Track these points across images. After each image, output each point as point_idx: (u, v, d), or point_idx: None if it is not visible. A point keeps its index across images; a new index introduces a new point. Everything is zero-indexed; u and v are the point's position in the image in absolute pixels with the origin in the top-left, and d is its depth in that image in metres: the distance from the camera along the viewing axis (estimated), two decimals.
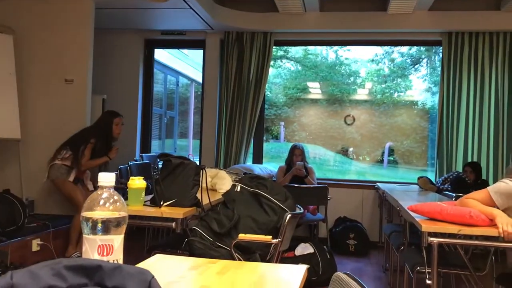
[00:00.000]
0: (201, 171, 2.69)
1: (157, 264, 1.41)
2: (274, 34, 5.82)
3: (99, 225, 0.95)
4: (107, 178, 0.99)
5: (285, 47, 7.11)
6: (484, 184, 4.59)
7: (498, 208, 2.47)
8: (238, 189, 2.65)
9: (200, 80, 6.44)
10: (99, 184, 0.99)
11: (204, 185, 2.68)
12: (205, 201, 2.69)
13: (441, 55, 5.69)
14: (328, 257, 4.01)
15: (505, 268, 2.61)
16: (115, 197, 0.99)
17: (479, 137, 5.42)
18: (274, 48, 6.11)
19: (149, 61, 6.44)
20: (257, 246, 2.43)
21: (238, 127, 5.83)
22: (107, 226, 0.96)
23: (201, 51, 6.28)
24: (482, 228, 2.34)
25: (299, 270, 1.39)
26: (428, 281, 2.45)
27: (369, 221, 5.64)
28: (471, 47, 5.44)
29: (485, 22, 5.30)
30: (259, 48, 5.82)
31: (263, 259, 2.46)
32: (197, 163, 5.84)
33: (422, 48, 6.90)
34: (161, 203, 2.55)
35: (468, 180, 4.97)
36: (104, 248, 0.96)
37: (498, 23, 5.27)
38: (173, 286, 1.17)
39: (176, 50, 8.48)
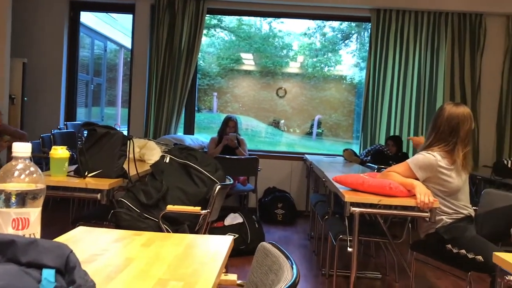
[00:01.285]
0: (128, 141, 2.62)
1: (80, 236, 1.37)
2: (207, 2, 5.69)
3: (13, 198, 0.90)
4: (22, 148, 0.93)
5: (219, 16, 7.00)
6: (404, 157, 4.87)
7: (418, 179, 2.63)
8: (167, 160, 2.62)
9: (130, 46, 6.20)
10: (14, 154, 0.93)
11: (131, 155, 2.62)
12: (133, 172, 2.64)
13: (369, 31, 5.86)
14: (257, 226, 4.10)
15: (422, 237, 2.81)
16: (32, 168, 0.94)
17: (401, 112, 5.70)
18: (207, 17, 5.99)
19: (75, 24, 6.09)
20: (186, 217, 2.42)
21: (169, 97, 5.71)
22: (23, 199, 0.91)
23: (130, 16, 6.03)
24: (400, 198, 2.49)
25: (225, 241, 1.41)
26: (349, 249, 2.58)
27: (297, 191, 5.81)
28: (398, 25, 5.64)
29: (411, 1, 5.51)
30: (191, 16, 5.68)
31: (192, 230, 2.47)
32: (125, 132, 5.71)
33: (353, 24, 7.05)
34: (86, 173, 2.46)
35: (390, 153, 5.24)
36: (19, 221, 0.92)
37: (423, 2, 5.49)
38: (96, 259, 1.15)
39: (104, 13, 8.09)
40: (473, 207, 2.78)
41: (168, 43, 5.70)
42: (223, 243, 1.39)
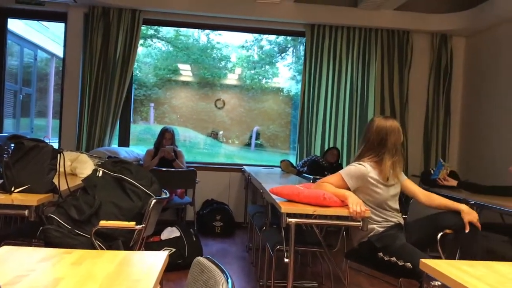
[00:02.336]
0: (59, 154, 2.52)
1: (4, 257, 1.29)
2: (143, 13, 5.62)
3: None
4: None
5: (156, 26, 6.91)
6: (339, 167, 5.02)
7: (350, 189, 2.72)
8: (100, 174, 2.54)
9: (62, 55, 5.98)
10: None
11: (62, 169, 2.51)
12: (64, 186, 2.53)
13: (304, 46, 6.02)
14: (194, 239, 4.05)
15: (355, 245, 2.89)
16: None
17: (335, 124, 5.88)
18: (144, 27, 5.90)
19: (2, 32, 5.79)
20: (120, 232, 2.36)
21: (103, 108, 5.55)
22: None
23: (62, 24, 5.81)
24: (334, 208, 2.55)
25: (160, 256, 1.38)
26: (286, 260, 2.60)
27: (235, 203, 5.82)
28: (331, 40, 5.84)
29: (344, 17, 5.72)
30: (127, 26, 5.58)
31: (126, 246, 2.40)
32: (56, 145, 5.47)
33: (289, 38, 7.20)
34: (12, 189, 2.33)
35: (325, 163, 5.39)
36: None
37: (354, 18, 5.72)
38: (20, 281, 1.09)
39: (35, 21, 7.75)
40: (403, 215, 2.90)
41: (103, 53, 5.55)
42: (158, 259, 1.37)
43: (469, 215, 2.56)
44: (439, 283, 1.50)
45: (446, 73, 5.95)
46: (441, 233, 2.64)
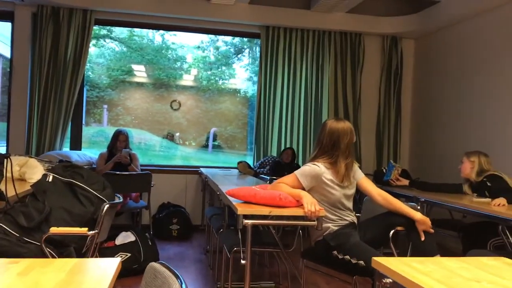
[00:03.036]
0: (6, 159, 2.42)
1: None
2: (94, 13, 5.48)
3: None
4: None
5: (109, 26, 6.76)
6: (297, 167, 5.09)
7: (305, 189, 2.75)
8: (50, 179, 2.46)
9: (9, 55, 5.75)
10: None
11: (9, 175, 2.42)
12: (11, 193, 2.43)
13: (260, 47, 6.05)
14: (150, 244, 3.99)
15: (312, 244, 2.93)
16: None
17: (291, 125, 5.95)
18: (97, 27, 5.76)
19: None
20: (72, 239, 2.29)
21: (53, 110, 5.37)
22: None
23: (9, 24, 5.59)
24: (290, 209, 2.58)
25: (112, 263, 1.35)
26: (242, 261, 2.61)
27: (193, 205, 5.78)
28: (286, 42, 5.90)
29: (298, 20, 5.79)
30: (78, 26, 5.43)
31: (79, 253, 2.34)
32: (4, 149, 5.25)
33: (245, 39, 7.22)
34: None
35: (286, 162, 5.45)
36: None
37: (308, 21, 5.81)
38: None
39: None
40: (357, 214, 2.97)
41: (53, 54, 5.38)
42: (110, 265, 1.34)
43: (423, 225, 2.63)
44: (391, 280, 1.54)
45: (397, 74, 6.14)
46: (393, 230, 2.72)
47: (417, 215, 2.66)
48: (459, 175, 3.95)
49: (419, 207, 2.94)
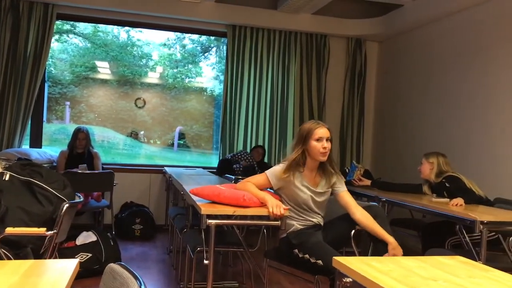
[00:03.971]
0: None
1: None
2: (57, 7, 5.34)
3: None
4: None
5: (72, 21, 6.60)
6: (267, 166, 5.13)
7: (273, 188, 2.76)
8: (7, 178, 2.39)
9: None
10: None
11: None
12: None
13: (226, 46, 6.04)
14: (112, 244, 3.92)
15: (276, 243, 2.94)
16: None
17: (257, 124, 5.96)
18: (60, 22, 5.61)
19: None
20: (29, 239, 2.23)
21: (12, 106, 5.20)
22: None
23: None
24: (254, 208, 2.58)
25: (70, 265, 1.32)
26: (205, 261, 2.59)
27: (156, 205, 5.71)
28: (252, 41, 5.91)
29: (264, 20, 5.81)
30: (39, 20, 5.27)
31: (37, 253, 2.28)
32: None
33: (212, 38, 7.18)
34: None
35: (256, 161, 5.47)
36: None
37: (275, 21, 5.83)
38: None
39: None
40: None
41: (11, 48, 5.21)
42: (67, 267, 1.31)
43: (394, 250, 2.64)
44: (351, 280, 1.56)
45: (361, 76, 6.24)
46: (354, 230, 2.76)
47: (391, 239, 2.66)
48: (419, 176, 4.05)
49: (380, 206, 3.00)
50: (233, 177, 4.47)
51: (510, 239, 3.21)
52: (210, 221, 2.49)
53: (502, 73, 4.23)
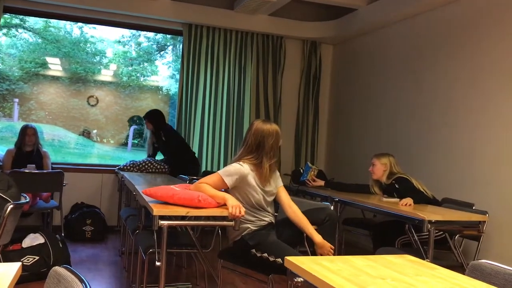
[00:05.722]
0: None
1: None
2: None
3: None
4: None
5: (22, 15, 6.35)
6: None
7: (228, 188, 2.75)
8: None
9: None
10: None
11: None
12: None
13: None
14: (61, 246, 3.79)
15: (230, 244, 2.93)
16: None
17: (213, 124, 5.92)
18: (8, 15, 5.38)
19: None
20: None
21: None
22: None
23: None
24: (207, 209, 2.56)
25: (10, 269, 1.26)
26: (157, 263, 2.55)
27: (108, 206, 5.57)
28: (209, 41, 5.87)
29: (221, 19, 5.78)
30: None
31: None
32: None
33: (168, 36, 7.10)
34: None
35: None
36: None
37: (231, 21, 5.81)
38: None
39: None
40: (275, 213, 3.01)
41: None
42: (8, 271, 1.25)
43: (321, 248, 2.74)
44: (302, 279, 1.57)
45: (316, 78, 6.33)
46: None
47: (317, 239, 2.74)
48: (369, 176, 4.14)
49: (332, 207, 3.05)
50: (187, 177, 4.42)
51: (456, 237, 3.35)
52: (162, 222, 2.46)
53: (457, 77, 4.39)
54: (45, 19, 6.40)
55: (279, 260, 2.56)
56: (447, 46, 4.47)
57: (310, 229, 2.77)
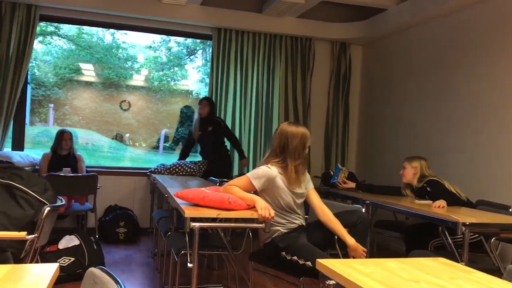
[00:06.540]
0: None
1: None
2: (39, 8, 5.28)
3: None
4: None
5: (56, 23, 6.54)
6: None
7: (256, 190, 2.76)
8: None
9: None
10: None
11: None
12: None
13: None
14: (95, 247, 3.88)
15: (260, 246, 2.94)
16: None
17: (242, 127, 5.94)
18: (43, 23, 5.54)
19: None
20: (9, 243, 2.20)
21: None
22: None
23: None
24: (238, 211, 2.58)
25: (49, 269, 1.30)
26: (189, 264, 2.58)
27: (141, 208, 5.66)
28: (238, 44, 5.91)
29: (250, 23, 5.81)
30: (21, 22, 5.20)
31: (17, 257, 2.24)
32: None
33: (198, 40, 7.18)
34: None
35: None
36: None
37: (260, 25, 5.84)
38: None
39: None
40: (305, 216, 3.01)
41: None
42: (46, 271, 1.29)
43: (354, 251, 2.71)
44: (334, 282, 1.57)
45: (345, 79, 6.28)
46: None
47: (350, 241, 2.71)
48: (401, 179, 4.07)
49: (364, 209, 3.01)
50: (218, 179, 4.46)
51: (492, 240, 3.26)
52: (194, 224, 2.48)
53: (486, 78, 4.29)
54: (79, 26, 6.56)
55: (309, 263, 2.55)
56: (483, 45, 4.36)
57: (343, 232, 2.74)
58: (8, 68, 5.16)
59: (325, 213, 2.84)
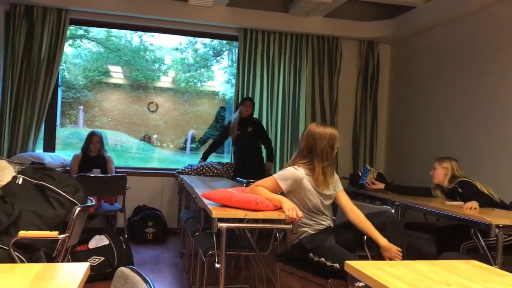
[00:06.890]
0: None
1: None
2: (69, 12, 5.39)
3: None
4: None
5: (85, 26, 6.67)
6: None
7: (283, 191, 2.74)
8: (20, 182, 2.40)
9: None
10: None
11: None
12: None
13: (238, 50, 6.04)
14: (124, 247, 3.93)
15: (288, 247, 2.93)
16: None
17: (269, 128, 5.94)
18: (73, 27, 5.66)
19: None
20: (42, 243, 2.24)
21: (26, 111, 5.25)
22: None
23: None
24: (265, 212, 2.57)
25: (80, 268, 1.32)
26: (217, 265, 2.58)
27: (169, 208, 5.72)
28: (264, 44, 5.90)
29: (276, 23, 5.80)
30: (52, 26, 5.33)
31: (49, 257, 2.29)
32: None
33: (224, 41, 7.20)
34: None
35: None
36: None
37: (286, 24, 5.82)
38: None
39: None
40: (333, 217, 2.98)
41: (26, 54, 5.27)
42: (78, 270, 1.31)
43: (387, 252, 2.66)
44: (363, 284, 1.54)
45: (373, 78, 6.20)
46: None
47: (382, 242, 2.66)
48: (431, 180, 3.99)
49: (393, 211, 2.96)
50: (245, 180, 4.46)
51: None
52: (221, 224, 2.49)
53: None
54: (107, 29, 6.67)
55: (336, 265, 2.52)
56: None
57: (375, 233, 2.69)
58: (40, 71, 5.29)
59: (356, 214, 2.79)
